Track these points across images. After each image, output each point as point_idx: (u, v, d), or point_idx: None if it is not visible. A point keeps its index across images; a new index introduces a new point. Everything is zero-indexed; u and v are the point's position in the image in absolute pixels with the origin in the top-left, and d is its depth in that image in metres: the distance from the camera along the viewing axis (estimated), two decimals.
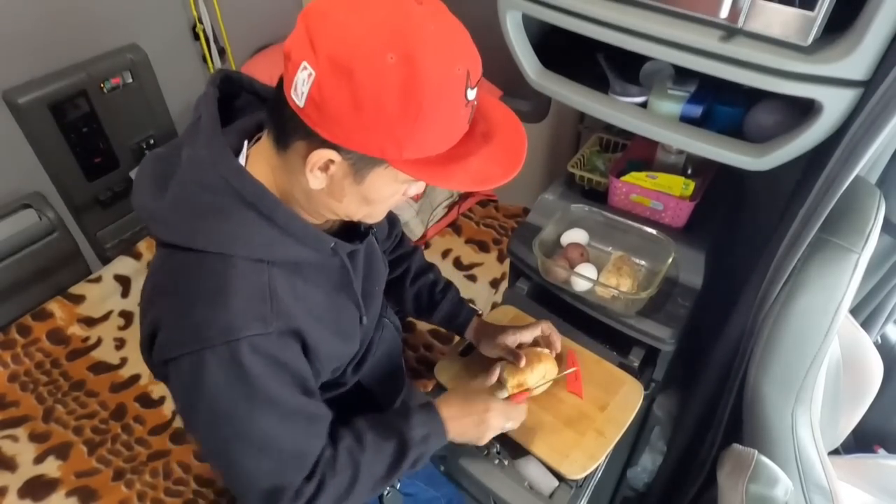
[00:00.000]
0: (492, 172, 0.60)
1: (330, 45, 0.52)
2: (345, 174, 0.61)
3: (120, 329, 1.84)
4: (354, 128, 0.55)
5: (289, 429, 0.67)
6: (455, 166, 0.59)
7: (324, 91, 0.53)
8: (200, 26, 2.04)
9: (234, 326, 0.61)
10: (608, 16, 0.89)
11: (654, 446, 1.41)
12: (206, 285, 0.62)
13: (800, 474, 0.89)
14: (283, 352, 0.65)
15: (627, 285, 1.08)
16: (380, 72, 0.52)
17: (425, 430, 0.80)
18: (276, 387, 0.65)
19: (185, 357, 0.62)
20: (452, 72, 0.55)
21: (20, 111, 1.64)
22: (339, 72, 0.52)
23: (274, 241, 0.64)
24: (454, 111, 0.57)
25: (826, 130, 0.79)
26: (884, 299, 1.10)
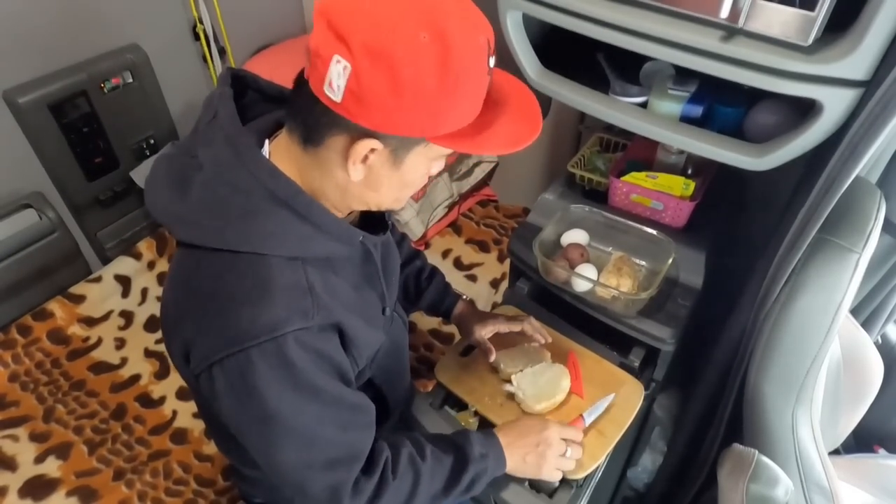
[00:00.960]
0: (521, 132, 0.63)
1: (363, 34, 0.53)
2: (383, 162, 0.62)
3: (120, 329, 1.84)
4: (396, 112, 0.56)
5: (336, 418, 0.68)
6: (485, 133, 0.61)
7: (362, 81, 0.54)
8: (200, 26, 2.04)
9: (279, 322, 0.61)
10: (608, 16, 0.88)
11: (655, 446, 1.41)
12: (246, 285, 0.62)
13: (800, 474, 0.89)
14: (324, 344, 0.66)
15: (628, 286, 1.08)
16: (417, 52, 0.53)
17: (484, 449, 0.81)
18: (321, 377, 0.66)
19: (230, 358, 0.62)
20: (478, 42, 0.57)
21: (20, 111, 1.64)
22: (378, 58, 0.53)
23: (309, 239, 0.65)
24: (481, 80, 0.59)
25: (826, 130, 0.79)
26: (884, 299, 1.10)
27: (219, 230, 0.63)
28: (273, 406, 0.63)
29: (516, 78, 0.67)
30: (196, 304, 0.65)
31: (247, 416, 0.65)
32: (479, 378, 1.10)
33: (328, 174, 0.64)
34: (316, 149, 0.63)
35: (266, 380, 0.62)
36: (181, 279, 0.68)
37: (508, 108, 0.63)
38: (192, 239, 0.64)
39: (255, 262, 0.63)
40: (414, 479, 0.74)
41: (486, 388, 1.09)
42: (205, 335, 0.63)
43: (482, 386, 1.09)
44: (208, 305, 0.63)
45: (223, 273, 0.63)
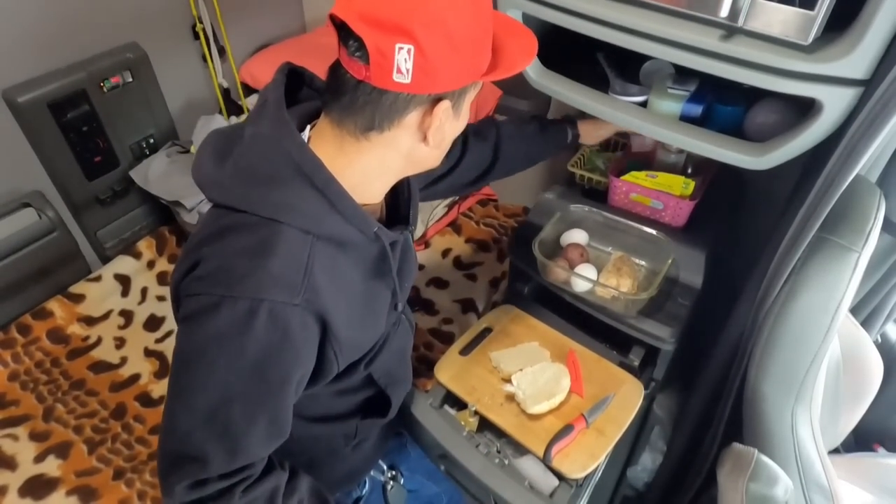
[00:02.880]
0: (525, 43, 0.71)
1: (413, 14, 0.58)
2: (447, 116, 0.68)
3: (120, 328, 1.84)
4: (459, 66, 0.63)
5: (246, 415, 0.67)
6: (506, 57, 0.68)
7: (428, 54, 0.59)
8: (200, 26, 2.04)
9: (264, 285, 0.63)
10: (608, 15, 0.88)
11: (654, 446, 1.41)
12: (252, 241, 0.65)
13: (800, 473, 0.89)
14: (298, 327, 0.66)
15: (627, 286, 1.08)
16: (458, 7, 0.60)
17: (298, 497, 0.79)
18: (267, 360, 0.65)
19: (204, 296, 0.64)
20: None
21: (20, 110, 1.64)
22: (435, 28, 0.59)
23: (323, 215, 0.67)
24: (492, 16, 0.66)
25: (826, 129, 0.79)
26: (884, 298, 1.10)
27: (245, 193, 0.67)
28: (205, 359, 0.64)
29: None
30: (209, 242, 0.68)
31: (182, 351, 0.67)
32: (478, 378, 1.11)
33: (394, 151, 0.69)
34: (382, 133, 0.67)
35: (216, 336, 0.63)
36: (203, 227, 0.71)
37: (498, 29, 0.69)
38: (222, 199, 0.68)
39: (269, 226, 0.65)
40: None
41: (485, 388, 1.09)
42: (204, 266, 0.66)
43: (482, 385, 1.09)
44: (215, 248, 0.67)
45: (239, 227, 0.67)
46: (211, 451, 0.66)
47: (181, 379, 0.67)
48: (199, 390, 0.65)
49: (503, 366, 1.09)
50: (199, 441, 0.66)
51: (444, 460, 1.13)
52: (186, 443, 0.67)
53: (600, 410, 1.03)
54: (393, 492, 0.98)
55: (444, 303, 1.94)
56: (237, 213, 0.67)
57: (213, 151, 0.71)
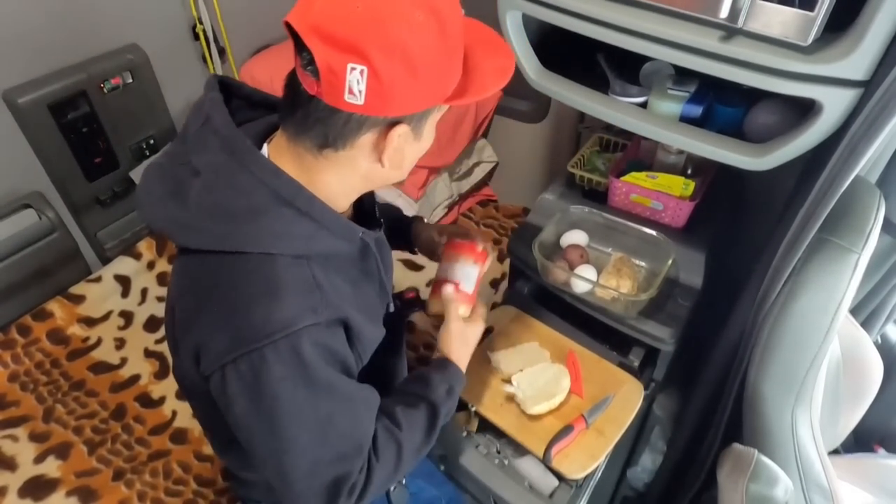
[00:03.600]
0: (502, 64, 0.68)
1: (369, 35, 0.55)
2: (406, 139, 0.65)
3: (120, 329, 1.84)
4: (417, 91, 0.60)
5: (349, 415, 0.69)
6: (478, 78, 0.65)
7: (383, 77, 0.57)
8: (200, 26, 2.04)
9: (291, 319, 0.62)
10: (608, 16, 0.89)
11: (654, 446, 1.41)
12: (257, 285, 0.63)
13: (800, 474, 0.89)
14: (333, 340, 0.68)
15: (627, 287, 1.08)
16: (419, 32, 0.57)
17: (446, 383, 0.83)
18: (333, 373, 0.67)
19: (243, 357, 0.62)
20: (459, 12, 0.62)
21: (20, 111, 1.64)
22: (391, 52, 0.56)
23: (312, 236, 0.66)
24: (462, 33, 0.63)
25: (826, 130, 0.79)
26: (884, 299, 1.10)
27: (225, 233, 0.63)
28: (287, 404, 0.64)
29: None
30: (208, 306, 0.65)
31: (259, 415, 0.65)
32: (478, 378, 1.10)
33: (351, 169, 0.67)
34: (337, 152, 0.65)
35: (280, 378, 0.63)
36: (188, 284, 0.68)
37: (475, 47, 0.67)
38: (197, 244, 0.65)
39: (263, 262, 0.63)
40: (396, 449, 0.75)
41: (485, 388, 1.09)
42: (217, 336, 0.64)
43: (482, 386, 1.09)
44: (220, 307, 0.64)
45: (233, 274, 0.64)
46: (345, 460, 0.69)
47: (273, 434, 0.65)
48: (299, 431, 0.66)
49: (503, 366, 1.09)
50: (331, 464, 0.68)
51: (444, 461, 1.13)
52: (323, 474, 0.68)
53: (600, 411, 1.03)
54: (396, 493, 0.98)
55: None
56: (219, 255, 0.63)
57: (165, 191, 0.66)
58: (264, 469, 0.70)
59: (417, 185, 2.09)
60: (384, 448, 0.74)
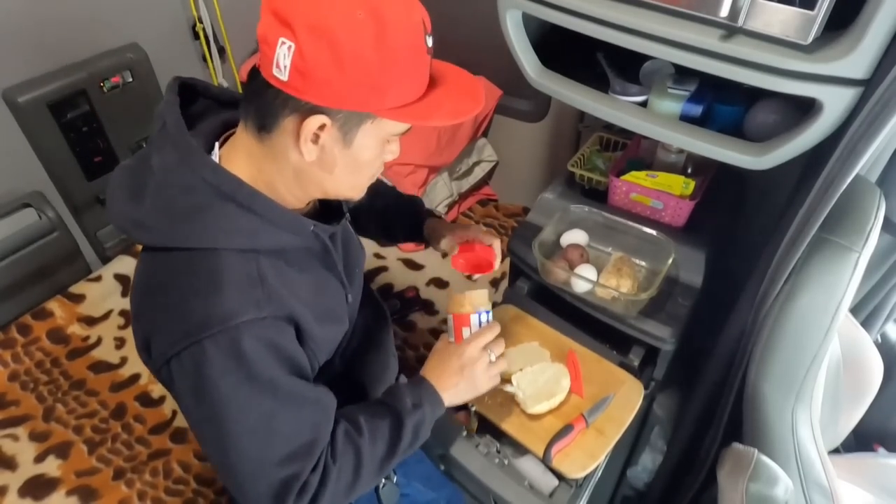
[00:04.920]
0: (462, 106, 0.67)
1: (304, 15, 0.57)
2: (335, 140, 0.65)
3: (120, 328, 1.84)
4: (339, 84, 0.60)
5: (294, 412, 0.68)
6: (428, 107, 0.64)
7: (306, 57, 0.58)
8: (200, 26, 2.04)
9: (231, 313, 0.62)
10: (608, 15, 0.88)
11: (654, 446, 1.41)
12: (198, 279, 0.64)
13: (800, 473, 0.89)
14: (278, 336, 0.67)
15: (627, 286, 1.08)
16: (354, 27, 0.57)
17: (416, 398, 0.81)
18: (277, 370, 0.66)
19: (185, 351, 0.63)
20: (412, 20, 0.61)
21: (20, 110, 1.64)
22: (319, 35, 0.57)
23: (257, 230, 0.67)
24: (419, 57, 0.63)
25: (826, 129, 0.79)
26: (884, 298, 1.10)
27: (170, 230, 0.65)
28: (228, 399, 0.64)
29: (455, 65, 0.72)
30: (152, 301, 0.67)
31: (203, 409, 0.66)
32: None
33: (284, 160, 0.67)
34: (270, 135, 0.65)
35: (220, 371, 0.63)
36: (140, 280, 0.70)
37: (449, 86, 0.68)
38: (149, 241, 0.67)
39: (206, 257, 0.64)
40: (355, 455, 0.74)
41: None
42: (161, 330, 0.65)
43: None
44: (163, 301, 0.65)
45: (176, 269, 0.65)
46: (291, 462, 0.68)
47: (216, 431, 0.66)
48: (242, 429, 0.65)
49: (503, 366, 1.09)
50: (277, 465, 0.67)
51: (444, 461, 1.13)
52: (269, 474, 0.67)
53: (600, 410, 1.03)
54: (385, 490, 0.97)
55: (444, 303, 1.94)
56: (168, 252, 0.65)
57: (126, 190, 0.68)
58: (213, 465, 0.70)
59: (417, 184, 2.09)
60: (342, 452, 0.73)
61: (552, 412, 1.04)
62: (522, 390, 1.03)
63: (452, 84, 0.68)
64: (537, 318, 1.23)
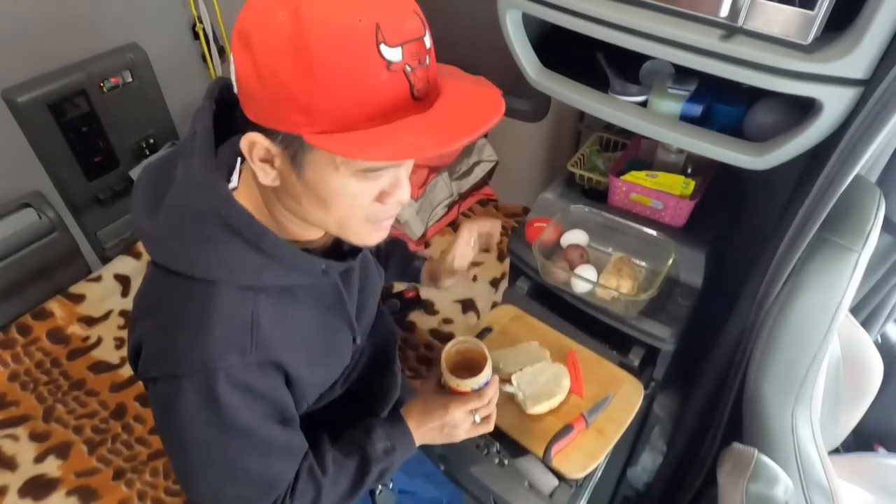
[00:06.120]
0: (424, 143, 0.51)
1: (240, 19, 0.52)
2: (285, 165, 0.57)
3: (120, 328, 1.84)
4: (263, 99, 0.52)
5: (261, 459, 0.67)
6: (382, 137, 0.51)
7: (237, 69, 0.53)
8: (200, 26, 2.04)
9: (212, 356, 0.60)
10: (608, 15, 0.88)
11: (654, 446, 1.41)
12: (189, 312, 0.61)
13: (800, 473, 0.89)
14: (260, 381, 0.65)
15: (628, 287, 1.08)
16: (269, 30, 0.49)
17: (388, 442, 0.79)
18: (250, 417, 0.64)
19: (162, 380, 0.62)
20: (350, 23, 0.48)
21: (20, 110, 1.64)
22: (242, 43, 0.51)
23: (261, 269, 0.63)
24: (361, 69, 0.49)
25: (826, 129, 0.79)
26: (884, 298, 1.10)
27: (177, 254, 0.62)
28: (194, 436, 0.63)
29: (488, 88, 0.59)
30: (147, 315, 0.65)
31: (170, 437, 0.65)
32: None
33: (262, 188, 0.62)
34: None
35: (190, 411, 0.61)
36: (143, 289, 0.68)
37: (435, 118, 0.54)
38: (158, 259, 0.64)
39: (204, 290, 0.61)
40: (315, 494, 0.73)
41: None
42: (148, 348, 0.64)
43: None
44: (155, 321, 0.64)
45: (173, 294, 0.63)
46: (250, 497, 0.67)
47: (181, 456, 0.65)
48: (206, 462, 0.65)
49: (503, 366, 1.09)
50: (234, 495, 0.67)
51: (444, 461, 1.13)
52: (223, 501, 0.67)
53: (600, 410, 1.03)
54: (382, 496, 0.97)
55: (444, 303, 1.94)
56: (168, 273, 0.62)
57: (147, 196, 0.66)
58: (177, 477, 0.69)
59: (417, 184, 2.09)
60: (302, 490, 0.72)
61: (552, 412, 1.04)
62: (522, 390, 1.03)
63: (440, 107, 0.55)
64: (537, 318, 1.23)
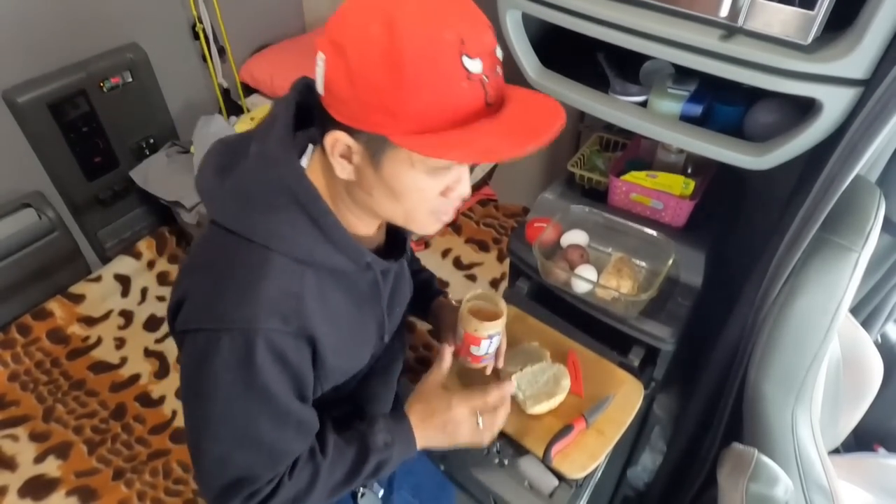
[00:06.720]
0: (500, 147, 0.59)
1: (333, 28, 0.58)
2: (365, 161, 0.63)
3: (120, 328, 1.84)
4: (353, 102, 0.58)
5: (276, 428, 0.69)
6: (460, 140, 0.57)
7: (329, 72, 0.58)
8: (200, 26, 2.04)
9: (257, 317, 0.63)
10: (608, 15, 0.88)
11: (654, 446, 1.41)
12: (243, 271, 0.65)
13: (800, 473, 0.89)
14: (293, 352, 0.67)
15: (628, 287, 1.08)
16: (364, 42, 0.55)
17: (388, 436, 0.80)
18: (277, 384, 0.67)
19: (202, 332, 0.64)
20: (438, 37, 0.55)
21: (20, 110, 1.64)
22: (336, 49, 0.57)
23: (316, 245, 0.67)
24: (447, 79, 0.56)
25: (826, 129, 0.79)
26: (884, 298, 1.10)
27: (241, 217, 0.66)
28: (222, 392, 0.65)
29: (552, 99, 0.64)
30: (198, 270, 0.68)
31: (196, 388, 0.67)
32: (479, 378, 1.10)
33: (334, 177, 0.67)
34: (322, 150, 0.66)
35: (223, 366, 0.63)
36: (197, 247, 0.72)
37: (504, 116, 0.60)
38: (219, 217, 0.67)
39: (259, 253, 0.65)
40: (312, 475, 0.74)
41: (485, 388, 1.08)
42: (193, 301, 0.66)
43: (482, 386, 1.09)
44: (205, 276, 0.67)
45: (229, 252, 0.66)
46: (255, 465, 0.69)
47: (200, 412, 0.67)
48: (222, 420, 0.66)
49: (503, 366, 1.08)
50: (241, 461, 0.68)
51: (444, 461, 1.13)
52: (229, 466, 0.68)
53: (600, 411, 1.03)
54: (364, 500, 0.97)
55: None
56: (229, 233, 0.66)
57: (217, 164, 0.70)
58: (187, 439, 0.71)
59: None
60: (301, 468, 0.73)
61: (552, 412, 1.04)
62: (522, 391, 1.03)
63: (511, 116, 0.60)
64: (537, 319, 1.23)
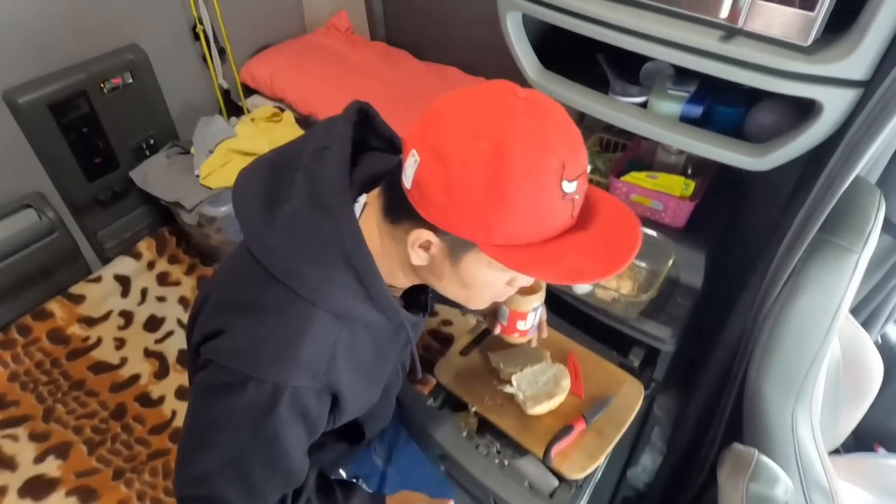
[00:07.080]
0: (586, 268, 0.60)
1: (434, 135, 0.58)
2: (443, 255, 0.65)
3: (120, 329, 1.84)
4: (447, 210, 0.59)
5: (266, 471, 0.70)
6: (548, 257, 0.59)
7: (424, 175, 0.58)
8: (200, 26, 2.04)
9: (289, 374, 0.65)
10: (608, 16, 0.89)
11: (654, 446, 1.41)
12: (285, 327, 0.65)
13: (800, 474, 0.89)
14: (315, 406, 0.69)
15: (628, 288, 1.08)
16: (470, 158, 0.56)
17: None
18: (290, 435, 0.68)
19: (231, 370, 0.65)
20: (543, 162, 0.56)
21: (20, 111, 1.64)
22: (437, 158, 0.57)
23: (357, 304, 0.68)
24: (545, 201, 0.58)
25: (826, 130, 0.79)
26: (884, 299, 1.10)
27: (290, 268, 0.66)
28: (231, 425, 0.66)
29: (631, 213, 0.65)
30: (242, 309, 0.68)
31: (204, 413, 0.68)
32: (479, 378, 1.11)
33: (402, 248, 0.67)
34: (393, 225, 0.67)
35: (243, 407, 0.65)
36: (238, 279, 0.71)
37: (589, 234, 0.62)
38: (265, 261, 0.67)
39: (305, 310, 0.66)
40: None
41: (485, 389, 1.09)
42: (232, 340, 0.67)
43: (482, 386, 1.09)
44: (249, 317, 0.67)
45: (277, 305, 0.66)
46: (231, 494, 0.70)
47: (203, 429, 0.69)
48: (222, 447, 0.68)
49: (503, 366, 1.09)
50: (220, 485, 0.69)
51: (444, 461, 1.13)
52: (208, 485, 0.69)
53: (600, 411, 1.03)
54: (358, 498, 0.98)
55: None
56: (277, 281, 0.66)
57: (262, 194, 0.69)
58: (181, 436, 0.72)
59: None
60: None
61: (552, 413, 1.04)
62: (522, 391, 1.03)
63: (595, 234, 0.62)
64: None
